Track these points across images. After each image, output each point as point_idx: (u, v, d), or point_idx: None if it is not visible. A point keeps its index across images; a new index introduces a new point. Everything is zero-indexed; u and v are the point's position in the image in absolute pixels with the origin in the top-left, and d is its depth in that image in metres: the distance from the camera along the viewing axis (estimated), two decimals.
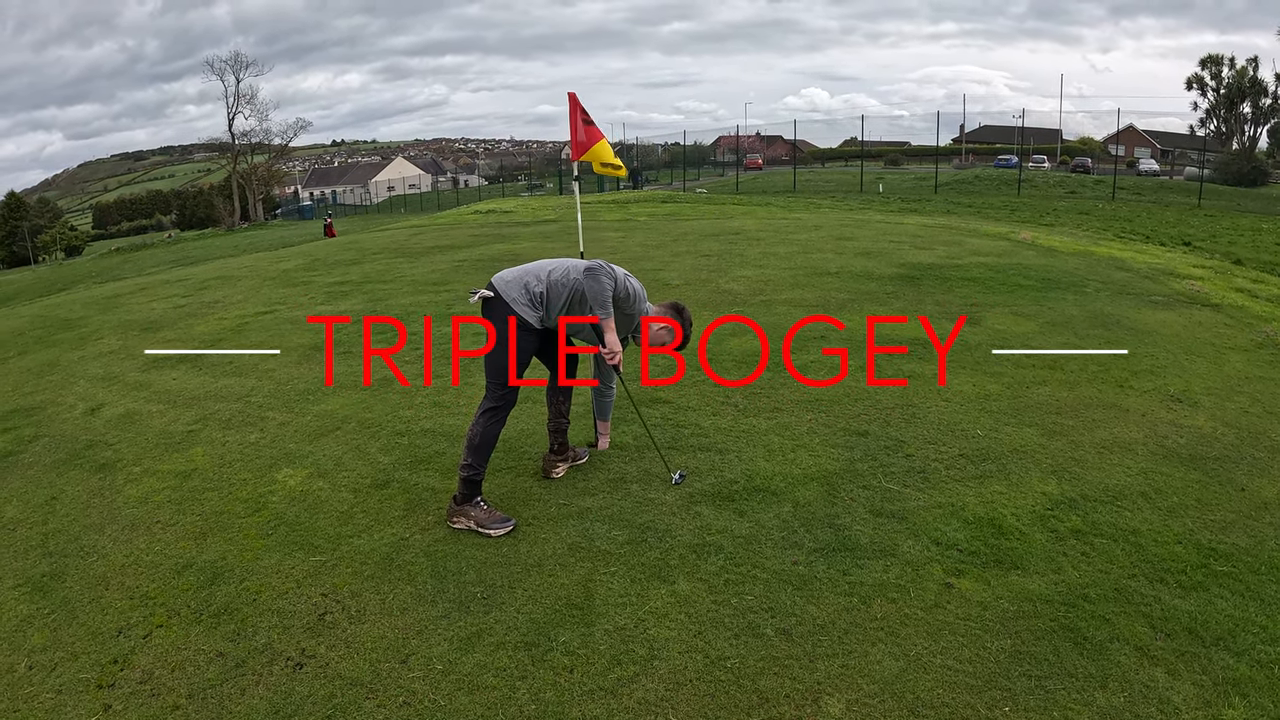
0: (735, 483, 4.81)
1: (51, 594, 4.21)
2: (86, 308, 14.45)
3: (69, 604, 4.10)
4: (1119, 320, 8.24)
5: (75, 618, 3.98)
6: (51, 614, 4.03)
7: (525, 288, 4.50)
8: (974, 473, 4.84)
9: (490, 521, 4.41)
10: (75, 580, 4.32)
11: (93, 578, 4.32)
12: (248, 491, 5.14)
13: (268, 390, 7.25)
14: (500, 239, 18.33)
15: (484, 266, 13.66)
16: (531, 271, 4.58)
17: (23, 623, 3.98)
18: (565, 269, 4.57)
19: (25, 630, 3.91)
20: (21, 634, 3.89)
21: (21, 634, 3.89)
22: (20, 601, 4.17)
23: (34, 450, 6.43)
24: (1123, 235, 18.69)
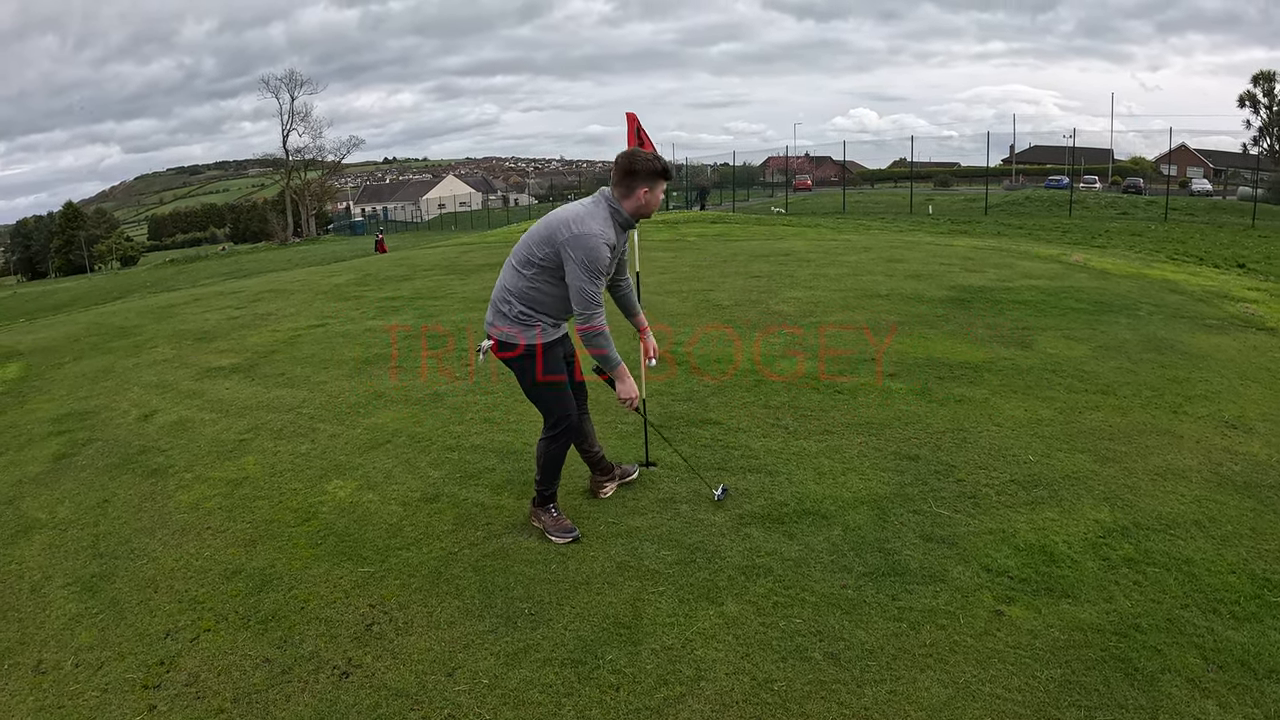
0: (785, 505, 4.76)
1: (100, 594, 4.26)
2: (141, 316, 14.65)
3: (117, 605, 4.14)
4: (1172, 344, 8.10)
5: (123, 618, 4.01)
6: (100, 614, 4.07)
7: (503, 315, 4.36)
8: (1025, 499, 4.76)
9: (555, 529, 4.48)
10: (124, 582, 4.37)
11: (142, 580, 4.36)
12: (298, 501, 5.18)
13: (319, 402, 7.32)
14: None
15: None
16: (496, 297, 4.46)
17: (71, 621, 4.03)
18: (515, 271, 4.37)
19: (73, 628, 3.96)
20: (70, 632, 3.94)
21: (70, 632, 3.94)
22: (69, 600, 4.22)
23: (87, 453, 6.53)
24: (1175, 257, 18.39)
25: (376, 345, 9.48)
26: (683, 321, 9.48)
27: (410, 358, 8.76)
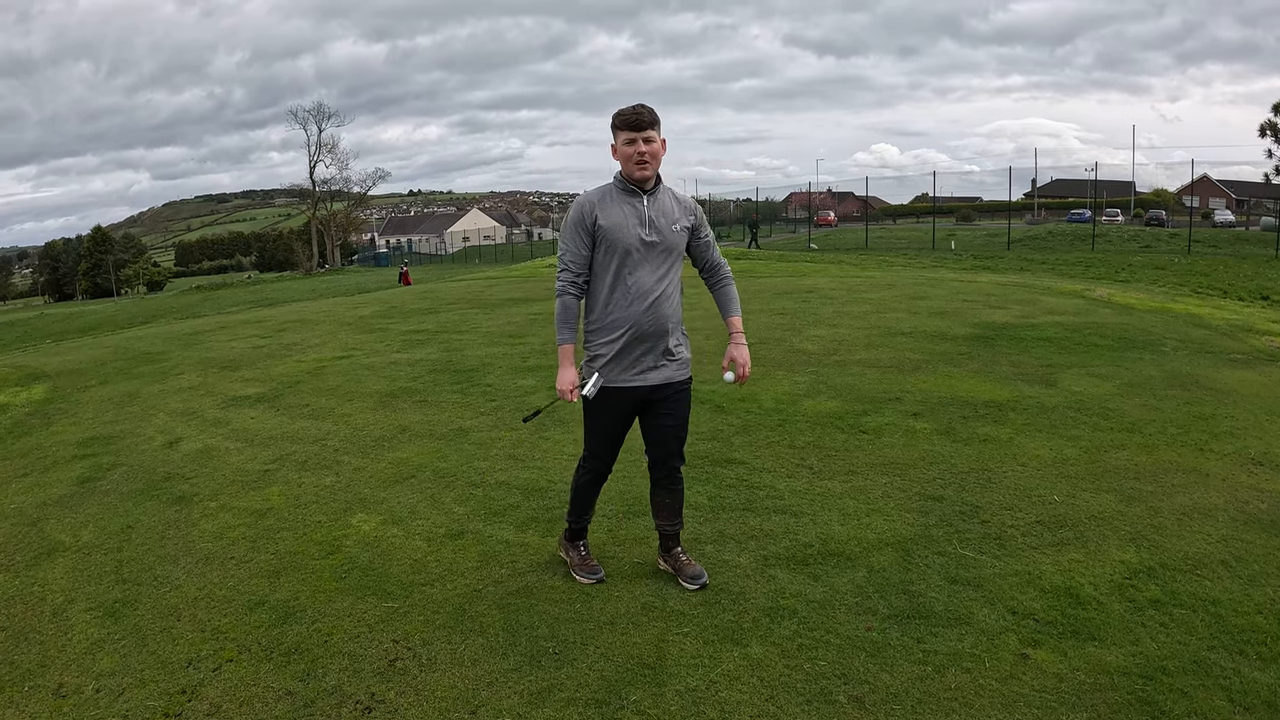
0: (810, 546, 4.73)
1: (123, 620, 4.25)
2: (167, 343, 14.80)
3: (140, 631, 4.13)
4: (1198, 380, 8.07)
5: (145, 645, 4.00)
6: (122, 640, 4.06)
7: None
8: (1051, 540, 4.72)
9: (580, 568, 4.43)
10: (147, 609, 4.35)
11: (165, 608, 4.35)
12: (322, 534, 5.18)
13: (343, 435, 7.34)
14: None
15: None
16: None
17: (93, 646, 4.02)
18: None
19: (95, 653, 3.95)
20: (91, 657, 3.92)
21: (91, 657, 3.92)
22: (91, 625, 4.22)
23: (112, 478, 6.56)
24: (1199, 291, 18.29)
25: (401, 379, 9.52)
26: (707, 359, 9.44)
27: (435, 392, 8.79)
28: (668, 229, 4.06)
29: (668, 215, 4.08)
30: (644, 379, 4.10)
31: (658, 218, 4.05)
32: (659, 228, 4.04)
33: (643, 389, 4.12)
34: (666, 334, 4.08)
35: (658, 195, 4.09)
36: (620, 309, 4.03)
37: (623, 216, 4.01)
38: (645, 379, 4.11)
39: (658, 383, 4.12)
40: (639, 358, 4.08)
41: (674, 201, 4.15)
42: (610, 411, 4.17)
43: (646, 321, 4.03)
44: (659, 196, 4.10)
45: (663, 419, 4.22)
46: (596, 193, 4.10)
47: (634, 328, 4.02)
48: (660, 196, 4.10)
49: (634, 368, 4.09)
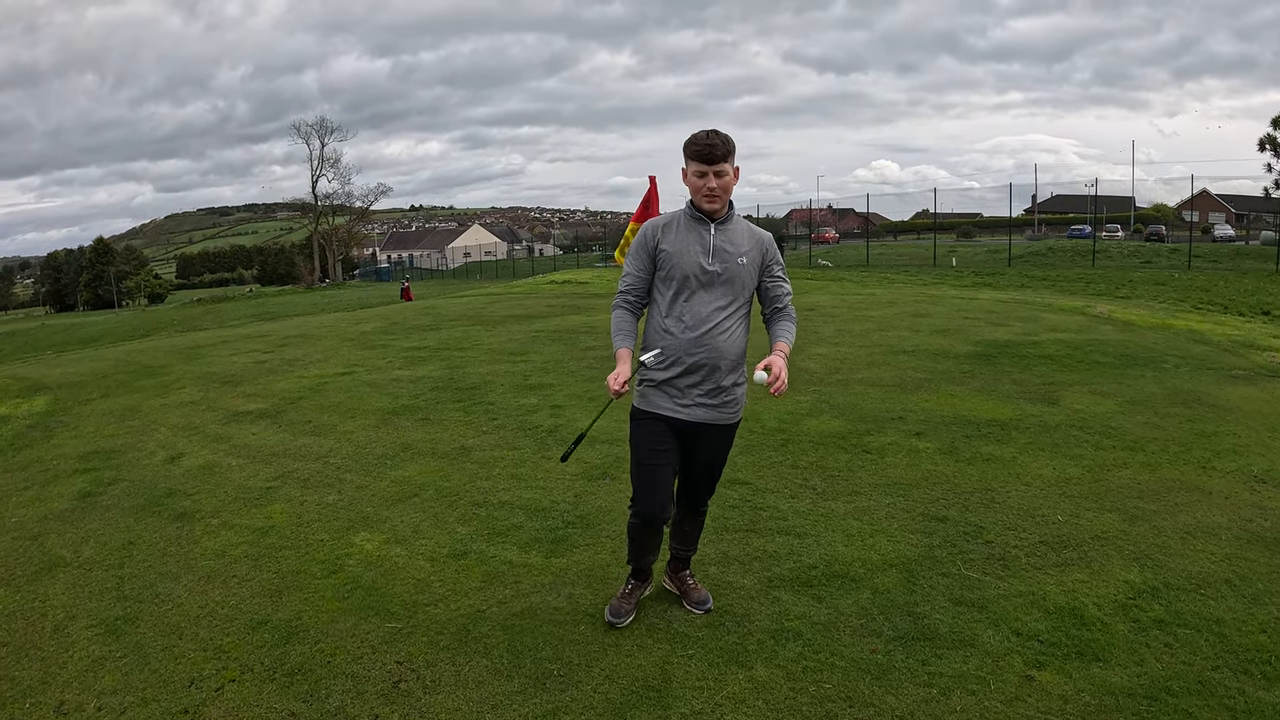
0: (814, 568, 4.71)
1: (124, 638, 4.23)
2: (169, 356, 14.77)
3: (141, 649, 4.11)
4: (1199, 397, 8.07)
5: (147, 664, 3.98)
6: (123, 658, 4.04)
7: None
8: (1055, 560, 4.71)
9: (612, 606, 4.24)
10: (149, 626, 4.33)
11: (166, 626, 4.33)
12: (324, 553, 5.16)
13: (346, 452, 7.32)
14: (576, 310, 18.48)
15: (561, 338, 13.76)
16: None
17: (94, 663, 4.00)
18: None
19: (97, 671, 3.93)
20: (93, 674, 3.91)
21: (93, 674, 3.91)
22: (93, 642, 4.20)
23: (113, 493, 6.54)
24: (1200, 306, 18.32)
25: (404, 396, 9.51)
26: None
27: (437, 409, 8.78)
28: (733, 260, 3.89)
29: (735, 246, 3.91)
30: (688, 413, 3.92)
31: (724, 247, 3.89)
32: (724, 257, 3.88)
33: (681, 422, 3.93)
34: (719, 370, 3.89)
35: (728, 226, 3.94)
36: (673, 336, 3.88)
37: (686, 242, 3.89)
38: (689, 413, 3.92)
39: (701, 420, 3.94)
40: (686, 389, 3.91)
41: (746, 233, 3.98)
42: (644, 435, 3.96)
43: (699, 352, 3.86)
44: (730, 227, 3.94)
45: (699, 458, 4.07)
46: (666, 216, 4.02)
47: (685, 357, 3.87)
48: (731, 227, 3.94)
49: (680, 398, 3.92)
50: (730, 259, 3.89)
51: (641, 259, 3.98)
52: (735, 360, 3.95)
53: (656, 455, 3.94)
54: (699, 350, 3.86)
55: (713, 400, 3.93)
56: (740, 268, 3.90)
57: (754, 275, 3.97)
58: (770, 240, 4.05)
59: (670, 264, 3.90)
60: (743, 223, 4.01)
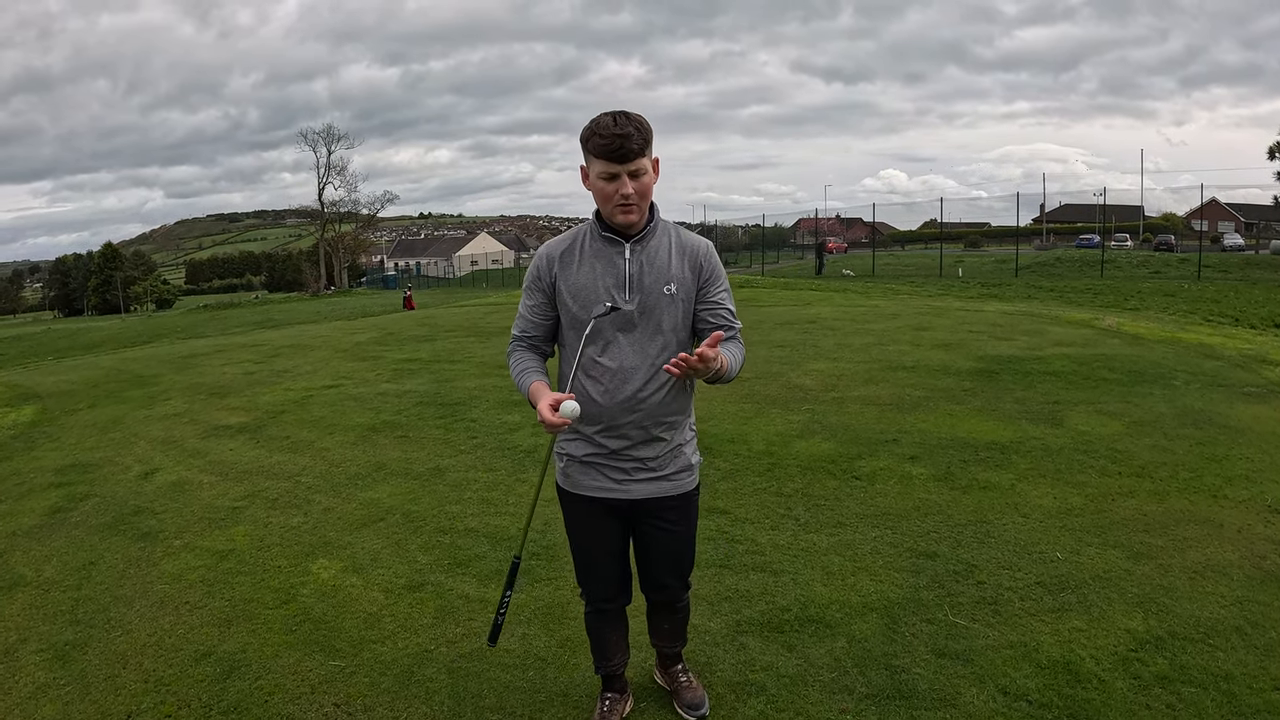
0: (788, 610, 4.38)
1: (71, 664, 4.14)
2: (162, 365, 14.85)
3: (85, 678, 4.00)
4: (1210, 417, 7.70)
5: (88, 694, 3.87)
6: (67, 686, 3.94)
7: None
8: (1051, 605, 4.34)
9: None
10: (96, 653, 4.23)
11: (113, 654, 4.22)
12: (280, 580, 4.98)
13: (319, 471, 7.17)
14: None
15: None
16: None
17: (38, 690, 3.91)
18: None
19: (39, 699, 3.84)
20: (34, 702, 3.81)
21: (34, 702, 3.81)
22: (39, 668, 4.12)
23: (83, 509, 6.51)
24: (1210, 318, 17.85)
25: (386, 411, 9.35)
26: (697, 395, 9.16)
27: (418, 426, 8.60)
28: (658, 291, 2.95)
29: (659, 271, 2.95)
30: (622, 490, 3.07)
31: (644, 275, 2.94)
32: (645, 288, 2.94)
33: (621, 502, 3.09)
34: (654, 437, 3.04)
35: (649, 242, 2.97)
36: (591, 398, 2.96)
37: (592, 276, 2.95)
38: (624, 490, 3.07)
39: (641, 497, 3.08)
40: (615, 463, 3.05)
41: (673, 249, 3.00)
42: (579, 527, 3.21)
43: (625, 416, 2.97)
44: (651, 243, 2.97)
45: (655, 542, 3.21)
46: (563, 240, 3.07)
47: (608, 423, 2.99)
48: (653, 243, 2.98)
49: (608, 475, 3.06)
50: (654, 289, 2.95)
51: (536, 296, 3.06)
52: (682, 415, 3.12)
53: (595, 542, 3.21)
54: (626, 416, 2.98)
55: (657, 468, 3.08)
56: (669, 299, 2.96)
57: (689, 305, 3.03)
58: (707, 251, 3.05)
59: (572, 309, 2.97)
60: (670, 234, 3.03)
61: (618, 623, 3.39)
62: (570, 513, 3.21)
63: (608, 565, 3.23)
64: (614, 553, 3.22)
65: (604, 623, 3.36)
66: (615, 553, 3.22)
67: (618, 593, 3.29)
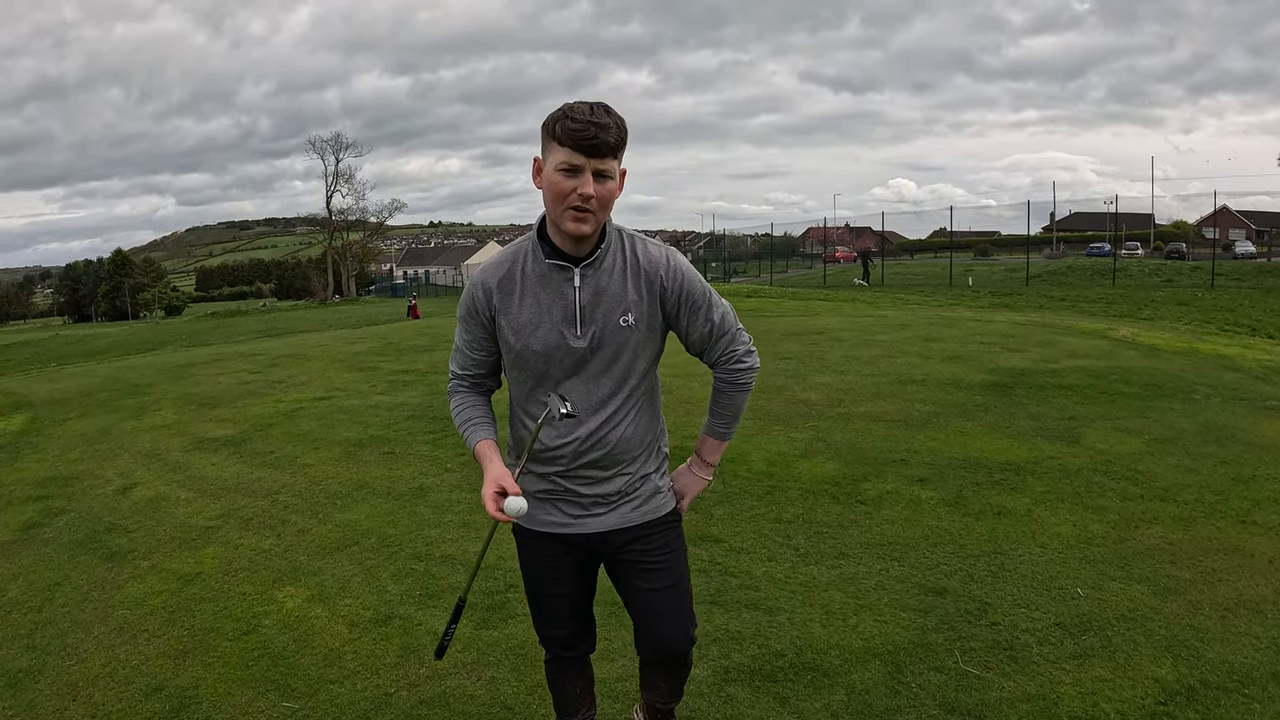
0: (782, 655, 3.97)
1: (22, 694, 3.94)
2: (158, 374, 14.72)
3: (34, 710, 3.80)
4: (1234, 433, 7.33)
5: None
6: (15, 716, 3.74)
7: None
8: (1072, 650, 3.93)
9: None
10: (48, 683, 4.02)
11: (65, 684, 4.00)
12: (243, 609, 4.71)
13: (298, 489, 6.91)
14: None
15: None
16: None
17: None
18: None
19: None
20: None
21: None
22: None
23: (57, 525, 6.35)
24: (1226, 328, 17.46)
25: (375, 425, 9.08)
26: (697, 410, 8.86)
27: (406, 441, 8.33)
28: (613, 323, 2.51)
29: (615, 299, 2.50)
30: (579, 525, 2.66)
31: (595, 305, 2.50)
32: (597, 320, 2.50)
33: (576, 537, 2.68)
34: (616, 474, 2.65)
35: (602, 264, 2.50)
36: (541, 444, 2.59)
37: (537, 310, 2.51)
38: (580, 525, 2.66)
39: (602, 530, 2.66)
40: (571, 498, 2.66)
41: (629, 271, 2.53)
42: (532, 565, 2.81)
43: (578, 460, 2.59)
44: (604, 266, 2.50)
45: (634, 588, 2.75)
46: (499, 265, 2.57)
47: (563, 468, 2.62)
48: (605, 265, 2.51)
49: (563, 510, 2.67)
50: (608, 321, 2.51)
51: (474, 330, 2.62)
52: (646, 447, 2.71)
53: (548, 582, 2.80)
54: (580, 459, 2.59)
55: (614, 504, 2.67)
56: (625, 331, 2.52)
57: (654, 334, 2.59)
58: (669, 268, 2.54)
59: (517, 345, 2.54)
60: (625, 250, 2.55)
61: (578, 674, 2.96)
62: (523, 551, 2.80)
63: (562, 607, 2.81)
64: (569, 594, 2.79)
65: (563, 673, 2.93)
66: (570, 594, 2.80)
67: (576, 639, 2.88)
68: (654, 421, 2.73)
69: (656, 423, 2.75)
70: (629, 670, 3.69)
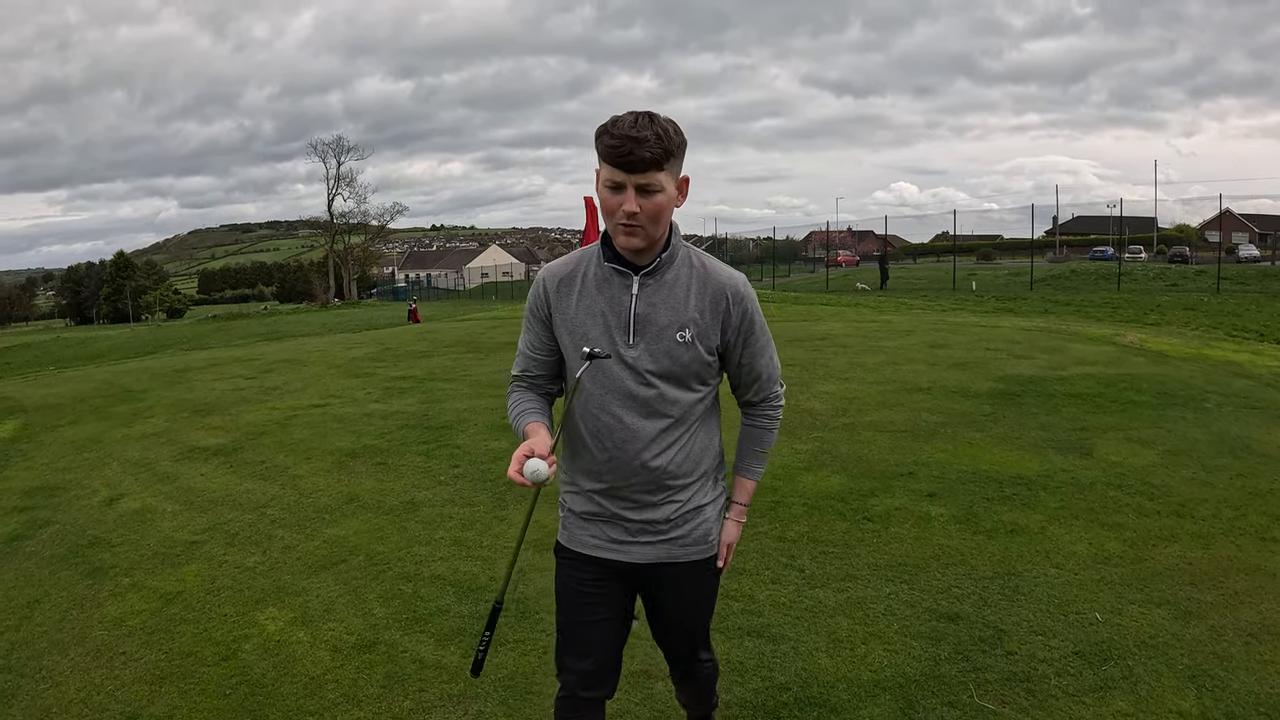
0: (786, 689, 3.73)
1: None
2: (153, 379, 14.61)
3: None
4: (1248, 444, 7.13)
5: None
6: None
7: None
8: (1092, 681, 3.70)
9: None
10: (21, 708, 3.89)
11: (38, 709, 3.87)
12: (223, 632, 4.52)
13: (287, 502, 6.72)
14: None
15: None
16: None
17: None
18: None
19: None
20: None
21: None
22: None
23: (41, 538, 6.19)
24: (1234, 333, 17.22)
25: (368, 434, 8.90)
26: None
27: (399, 452, 8.14)
28: (669, 337, 2.41)
29: (675, 311, 2.41)
30: (622, 551, 2.55)
31: (654, 315, 2.41)
32: (652, 334, 2.41)
33: (620, 565, 2.57)
34: (665, 500, 2.51)
35: (664, 275, 2.43)
36: (589, 454, 2.50)
37: (592, 312, 2.44)
38: (624, 552, 2.55)
39: (643, 561, 2.56)
40: (618, 522, 2.55)
41: (695, 286, 2.45)
42: (569, 582, 2.63)
43: (627, 480, 2.48)
44: (667, 278, 2.44)
45: (670, 610, 2.70)
46: (566, 264, 2.54)
47: (610, 484, 2.50)
48: (670, 276, 2.44)
49: (608, 533, 2.56)
50: (663, 335, 2.41)
51: (535, 330, 2.57)
52: (695, 478, 2.56)
53: (587, 610, 2.59)
54: (629, 480, 2.48)
55: (667, 531, 2.54)
56: (680, 348, 2.41)
57: (710, 355, 2.47)
58: (738, 294, 2.48)
59: (570, 344, 2.49)
60: (693, 265, 2.48)
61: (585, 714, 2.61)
62: (560, 573, 2.65)
63: (593, 635, 2.58)
64: (602, 622, 2.58)
65: (574, 714, 2.58)
66: (603, 622, 2.59)
67: (598, 679, 2.59)
68: (708, 450, 2.60)
69: (711, 451, 2.62)
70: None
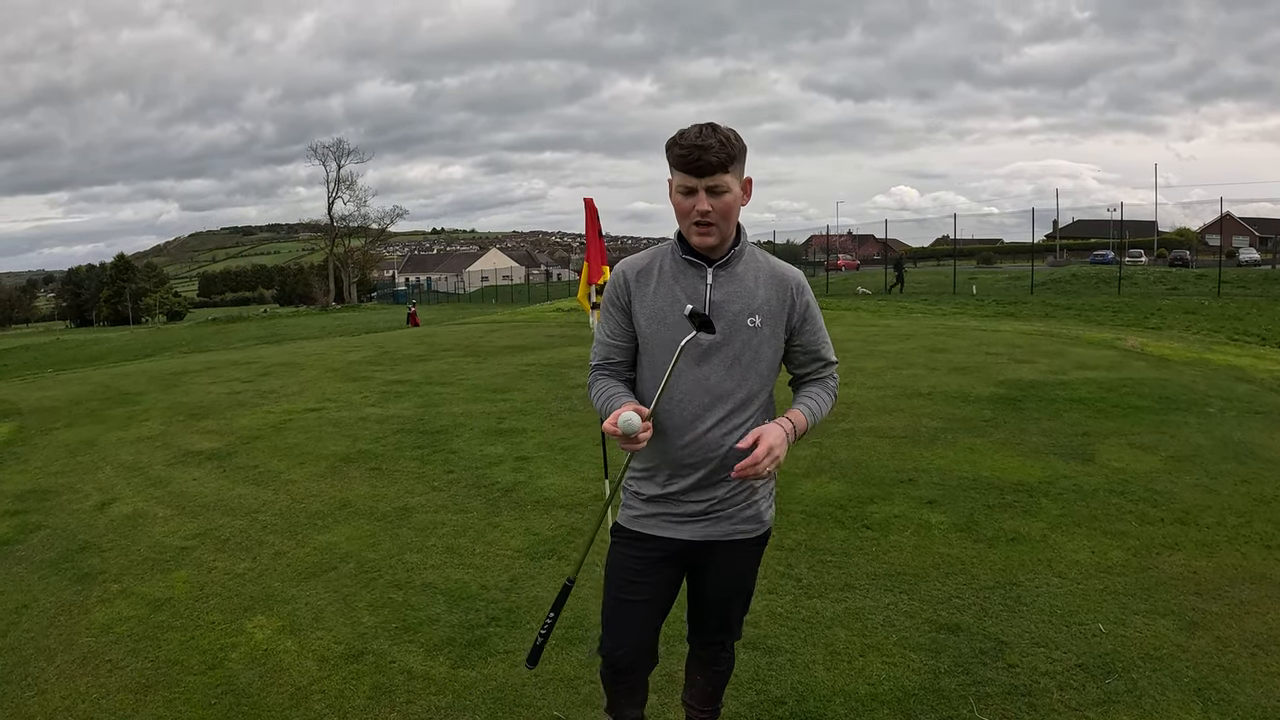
0: (781, 703, 3.65)
1: None
2: (150, 382, 14.60)
3: None
4: (1252, 450, 7.07)
5: None
6: None
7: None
8: (1095, 695, 3.61)
9: None
10: (4, 715, 3.86)
11: (22, 717, 3.82)
12: (210, 640, 4.45)
13: (279, 508, 6.66)
14: (577, 340, 17.82)
15: (551, 373, 13.06)
16: None
17: None
18: None
19: None
20: None
21: None
22: None
23: (31, 542, 6.17)
24: (1236, 337, 17.18)
25: (364, 439, 8.85)
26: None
27: (394, 457, 8.08)
28: (741, 322, 2.64)
29: (745, 299, 2.65)
30: (675, 528, 2.73)
31: (728, 302, 2.64)
32: (726, 318, 2.63)
33: (677, 542, 2.74)
34: (724, 480, 2.68)
35: (735, 267, 2.68)
36: (656, 436, 2.64)
37: (671, 299, 2.65)
38: (677, 529, 2.73)
39: (701, 539, 2.73)
40: (680, 498, 2.71)
41: (762, 277, 2.70)
42: (619, 561, 2.81)
43: (690, 460, 2.66)
44: (738, 270, 2.68)
45: (711, 587, 2.89)
46: (641, 259, 2.77)
47: (671, 465, 2.69)
48: (740, 268, 2.68)
49: (667, 513, 2.73)
50: (736, 320, 2.64)
51: (615, 319, 2.76)
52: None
53: (633, 588, 2.77)
54: (692, 459, 2.66)
55: (721, 510, 2.72)
56: (751, 332, 2.65)
57: (776, 340, 2.71)
58: (799, 283, 2.74)
59: (648, 330, 2.69)
60: (758, 259, 2.74)
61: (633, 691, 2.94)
62: (615, 550, 2.85)
63: (632, 615, 2.79)
64: (646, 600, 2.80)
65: (617, 680, 2.89)
66: (647, 601, 2.80)
67: (636, 654, 2.84)
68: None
69: None
70: None
